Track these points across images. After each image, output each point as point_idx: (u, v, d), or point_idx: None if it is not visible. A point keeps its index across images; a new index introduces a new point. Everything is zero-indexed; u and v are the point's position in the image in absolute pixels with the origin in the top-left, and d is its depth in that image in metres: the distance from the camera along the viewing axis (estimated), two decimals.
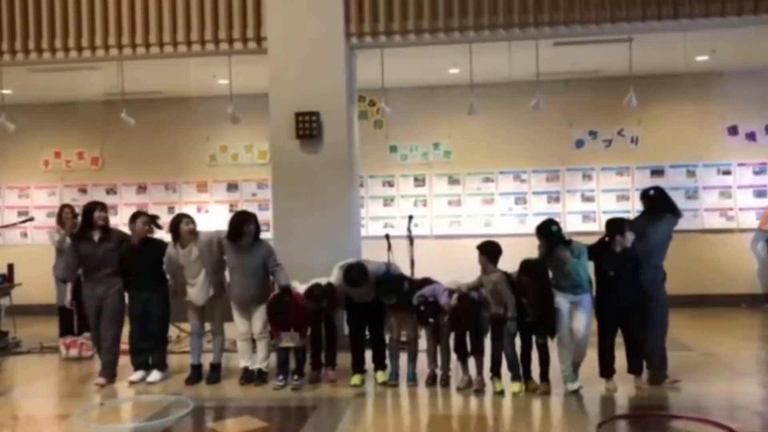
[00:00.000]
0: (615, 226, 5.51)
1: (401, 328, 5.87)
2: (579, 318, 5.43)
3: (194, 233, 5.95)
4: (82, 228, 6.19)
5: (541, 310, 5.29)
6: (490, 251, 5.57)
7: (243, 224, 5.84)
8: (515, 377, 5.47)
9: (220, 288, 6.08)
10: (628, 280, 5.39)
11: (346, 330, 6.12)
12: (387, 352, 5.93)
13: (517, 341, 5.53)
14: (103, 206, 6.22)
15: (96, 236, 6.09)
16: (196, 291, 5.98)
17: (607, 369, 5.51)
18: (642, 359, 5.54)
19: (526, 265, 5.40)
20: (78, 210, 7.98)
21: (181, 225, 5.94)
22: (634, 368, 5.55)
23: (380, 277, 5.74)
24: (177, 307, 6.23)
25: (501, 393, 5.39)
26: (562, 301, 5.41)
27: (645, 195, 5.92)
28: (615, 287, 5.41)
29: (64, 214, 7.78)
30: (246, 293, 5.91)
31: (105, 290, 6.07)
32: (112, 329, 6.14)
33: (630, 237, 5.42)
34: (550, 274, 5.43)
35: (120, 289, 6.14)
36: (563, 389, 5.42)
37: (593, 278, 5.57)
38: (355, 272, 5.71)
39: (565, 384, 5.44)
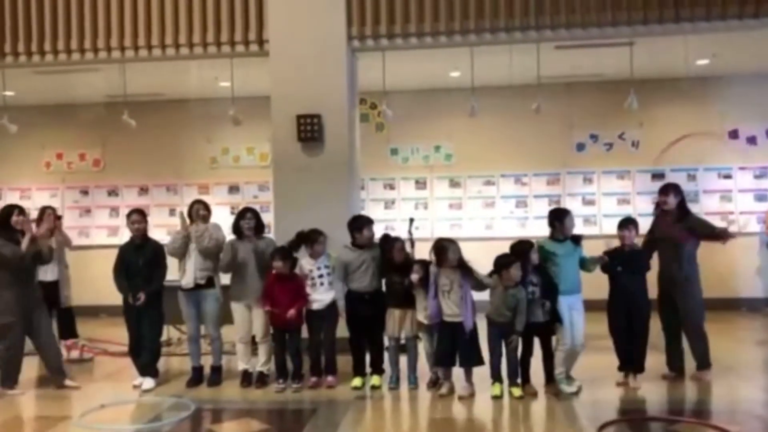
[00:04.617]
0: (620, 222, 5.70)
1: (401, 326, 5.80)
2: (575, 320, 5.50)
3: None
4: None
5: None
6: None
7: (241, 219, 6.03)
8: (514, 381, 5.45)
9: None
10: (636, 278, 5.55)
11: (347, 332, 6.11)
12: (386, 356, 5.93)
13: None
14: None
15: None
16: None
17: (623, 361, 5.63)
18: (644, 357, 5.60)
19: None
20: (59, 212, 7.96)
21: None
22: (636, 365, 5.61)
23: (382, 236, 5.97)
24: (176, 309, 6.22)
25: (499, 397, 5.37)
26: (561, 302, 5.46)
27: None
28: (623, 285, 5.55)
29: (45, 216, 7.75)
30: (247, 288, 5.93)
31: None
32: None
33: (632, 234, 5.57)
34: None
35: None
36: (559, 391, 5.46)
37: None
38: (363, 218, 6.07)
39: (560, 386, 5.47)
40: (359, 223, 5.96)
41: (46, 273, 7.59)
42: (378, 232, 7.14)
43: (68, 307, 7.74)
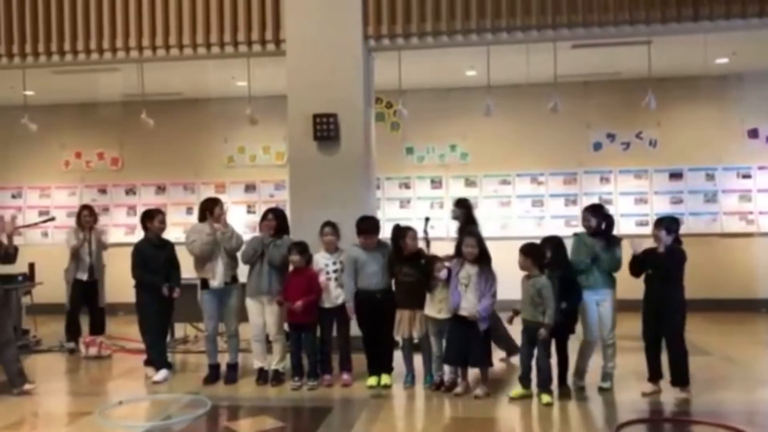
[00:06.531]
0: (656, 220, 5.49)
1: (411, 326, 5.75)
2: (602, 314, 5.48)
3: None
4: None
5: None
6: (535, 254, 5.33)
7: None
8: (546, 388, 5.32)
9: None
10: (667, 282, 5.25)
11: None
12: (402, 355, 5.91)
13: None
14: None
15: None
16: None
17: (651, 372, 5.43)
18: (686, 368, 5.27)
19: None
20: (97, 211, 8.12)
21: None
22: (674, 379, 5.31)
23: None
24: (193, 307, 6.28)
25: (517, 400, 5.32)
26: (589, 296, 5.43)
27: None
28: (654, 290, 5.32)
29: (83, 216, 7.82)
30: (262, 285, 5.94)
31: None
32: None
33: (666, 236, 5.25)
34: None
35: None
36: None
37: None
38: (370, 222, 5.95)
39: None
40: (360, 228, 5.91)
41: (84, 272, 7.70)
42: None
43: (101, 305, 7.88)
